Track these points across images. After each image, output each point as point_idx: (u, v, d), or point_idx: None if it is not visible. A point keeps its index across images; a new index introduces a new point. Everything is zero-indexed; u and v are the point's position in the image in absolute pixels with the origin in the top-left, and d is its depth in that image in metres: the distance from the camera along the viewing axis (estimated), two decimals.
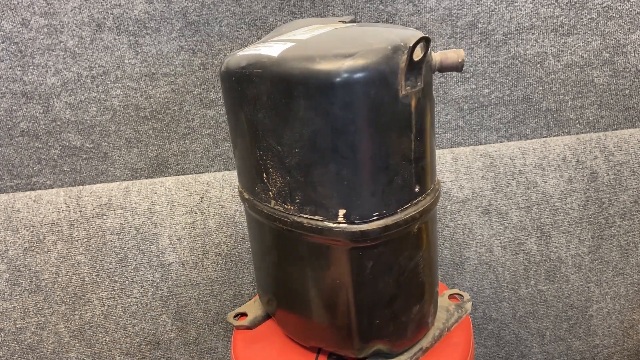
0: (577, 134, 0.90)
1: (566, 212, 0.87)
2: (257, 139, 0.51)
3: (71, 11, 0.77)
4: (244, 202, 0.57)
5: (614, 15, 0.83)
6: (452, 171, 0.86)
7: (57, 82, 0.81)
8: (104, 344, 0.87)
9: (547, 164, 0.87)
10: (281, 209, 0.51)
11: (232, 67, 0.51)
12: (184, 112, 0.84)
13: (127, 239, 0.84)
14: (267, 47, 0.50)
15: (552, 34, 0.84)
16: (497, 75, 0.86)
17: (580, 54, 0.85)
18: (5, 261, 0.83)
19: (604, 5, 0.83)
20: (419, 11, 0.81)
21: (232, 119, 0.54)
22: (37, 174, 0.86)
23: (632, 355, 0.95)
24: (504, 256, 0.88)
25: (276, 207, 0.52)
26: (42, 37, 0.78)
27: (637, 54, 0.86)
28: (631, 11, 0.84)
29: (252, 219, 0.58)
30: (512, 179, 0.86)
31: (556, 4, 0.82)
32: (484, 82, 0.86)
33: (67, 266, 0.84)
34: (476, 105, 0.87)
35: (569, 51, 0.85)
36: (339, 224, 0.48)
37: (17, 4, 0.77)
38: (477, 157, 0.87)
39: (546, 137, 0.90)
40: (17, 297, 0.84)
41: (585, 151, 0.87)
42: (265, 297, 0.62)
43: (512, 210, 0.87)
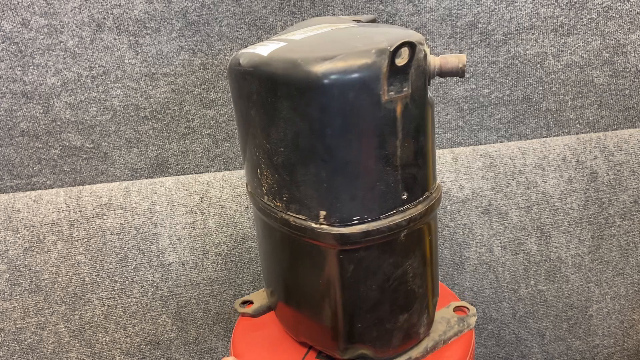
0: (577, 134, 0.90)
1: (566, 212, 0.87)
2: (251, 135, 0.52)
3: (71, 11, 0.78)
4: (248, 195, 0.58)
5: (614, 15, 0.83)
6: (452, 171, 0.86)
7: (57, 82, 0.81)
8: (104, 344, 0.87)
9: (547, 164, 0.87)
10: (272, 205, 0.52)
11: (232, 64, 0.52)
12: (184, 112, 0.84)
13: (127, 239, 0.84)
14: (263, 46, 0.51)
15: (552, 34, 0.84)
16: (497, 75, 0.86)
17: (580, 54, 0.85)
18: (5, 261, 0.83)
19: (604, 5, 0.83)
20: (419, 11, 0.81)
21: (235, 113, 0.56)
22: (37, 174, 0.86)
23: (632, 355, 0.95)
24: (504, 256, 0.88)
25: (268, 202, 0.53)
26: (42, 37, 0.78)
27: (637, 54, 0.86)
28: (631, 11, 0.84)
29: (254, 211, 0.59)
30: (512, 179, 0.86)
31: (556, 4, 0.82)
32: (484, 82, 0.86)
33: (67, 266, 0.84)
34: (476, 105, 0.87)
35: (569, 51, 0.85)
36: (321, 225, 0.48)
37: (17, 4, 0.77)
38: (477, 157, 0.87)
39: (546, 137, 0.90)
40: (17, 297, 0.84)
41: (585, 151, 0.87)
42: (267, 289, 0.64)
43: (512, 210, 0.87)
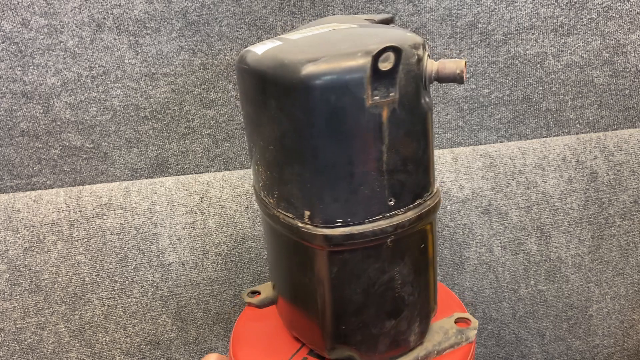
0: (577, 134, 0.90)
1: (566, 212, 0.87)
2: (249, 131, 0.53)
3: (71, 11, 0.78)
4: (253, 189, 0.59)
5: (614, 15, 0.83)
6: (452, 171, 0.86)
7: (57, 82, 0.81)
8: (104, 344, 0.87)
9: (547, 164, 0.87)
10: (266, 201, 0.53)
11: (237, 61, 0.53)
12: (184, 112, 0.84)
13: (127, 239, 0.84)
14: (262, 44, 0.51)
15: (552, 34, 0.84)
16: (497, 75, 0.86)
17: (580, 54, 0.85)
18: (5, 261, 0.83)
19: (604, 5, 0.83)
20: (419, 11, 0.81)
21: (241, 109, 0.57)
22: (37, 174, 0.86)
23: (632, 355, 0.95)
24: (504, 256, 0.88)
25: (264, 198, 0.54)
26: (42, 37, 0.78)
27: (637, 54, 0.86)
28: (631, 11, 0.84)
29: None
30: (512, 179, 0.86)
31: (556, 4, 0.82)
32: (484, 82, 0.86)
33: (67, 266, 0.84)
34: (476, 105, 0.87)
35: (569, 51, 0.85)
36: (306, 225, 0.49)
37: (17, 4, 0.77)
38: (477, 157, 0.87)
39: (546, 137, 0.90)
40: (17, 297, 0.84)
41: (585, 151, 0.87)
42: (271, 282, 0.65)
43: (512, 210, 0.87)
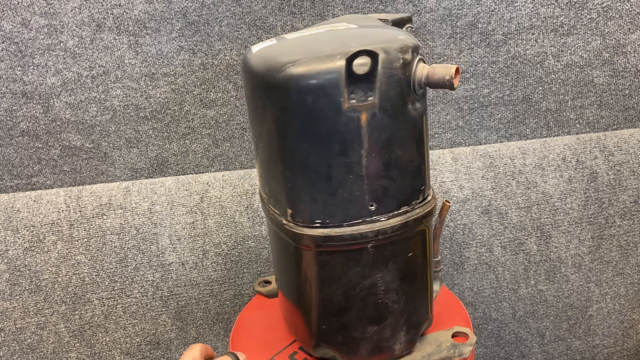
0: (577, 134, 0.90)
1: (566, 212, 0.87)
2: (249, 126, 0.54)
3: (71, 11, 0.78)
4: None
5: (614, 15, 0.83)
6: (452, 171, 0.86)
7: (57, 82, 0.81)
8: (104, 344, 0.87)
9: (547, 164, 0.87)
10: (263, 196, 0.55)
11: (243, 58, 0.54)
12: (184, 112, 0.84)
13: (127, 239, 0.84)
14: (262, 43, 0.52)
15: (552, 34, 0.84)
16: (497, 75, 0.86)
17: (580, 54, 0.85)
18: (5, 261, 0.83)
19: (604, 5, 0.83)
20: (419, 11, 0.81)
21: None
22: (37, 174, 0.86)
23: (632, 355, 0.95)
24: (504, 256, 0.88)
25: (261, 192, 0.55)
26: (42, 37, 0.78)
27: (637, 54, 0.86)
28: (631, 11, 0.84)
29: None
30: (512, 179, 0.86)
31: (556, 4, 0.82)
32: (484, 82, 0.86)
33: (67, 266, 0.84)
34: (476, 105, 0.87)
35: (569, 51, 0.85)
36: (288, 222, 0.49)
37: (17, 4, 0.77)
38: (477, 157, 0.87)
39: (546, 137, 0.90)
40: (17, 297, 0.84)
41: (585, 151, 0.87)
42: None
43: (512, 210, 0.87)
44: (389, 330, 0.52)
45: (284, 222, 0.50)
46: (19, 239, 0.83)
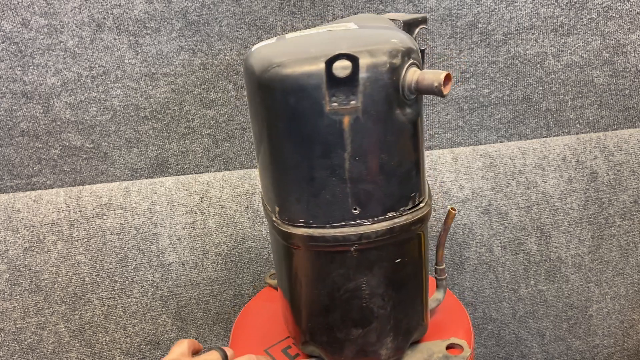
0: (577, 134, 0.90)
1: (566, 212, 0.87)
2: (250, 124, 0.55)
3: (71, 11, 0.78)
4: None
5: (614, 15, 0.83)
6: (452, 171, 0.86)
7: (57, 82, 0.81)
8: (104, 344, 0.87)
9: (547, 164, 0.87)
10: (262, 191, 0.55)
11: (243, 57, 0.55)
12: (184, 112, 0.84)
13: (127, 239, 0.84)
14: (263, 43, 0.53)
15: (552, 34, 0.84)
16: (497, 75, 0.86)
17: (580, 54, 0.85)
18: (5, 261, 0.83)
19: (604, 5, 0.83)
20: (419, 11, 0.81)
21: None
22: (37, 174, 0.86)
23: (632, 355, 0.95)
24: (504, 256, 0.88)
25: (261, 190, 0.56)
26: (42, 37, 0.78)
27: (637, 54, 0.86)
28: (631, 11, 0.84)
29: None
30: (512, 179, 0.86)
31: (556, 4, 0.82)
32: (484, 82, 0.86)
33: (67, 266, 0.84)
34: (476, 105, 0.87)
35: (569, 51, 0.85)
36: (276, 220, 0.50)
37: (17, 4, 0.77)
38: (477, 157, 0.87)
39: (546, 137, 0.90)
40: (17, 297, 0.84)
41: (585, 151, 0.87)
42: None
43: (512, 210, 0.87)
44: (374, 334, 0.52)
45: (273, 219, 0.50)
46: (19, 239, 0.83)
